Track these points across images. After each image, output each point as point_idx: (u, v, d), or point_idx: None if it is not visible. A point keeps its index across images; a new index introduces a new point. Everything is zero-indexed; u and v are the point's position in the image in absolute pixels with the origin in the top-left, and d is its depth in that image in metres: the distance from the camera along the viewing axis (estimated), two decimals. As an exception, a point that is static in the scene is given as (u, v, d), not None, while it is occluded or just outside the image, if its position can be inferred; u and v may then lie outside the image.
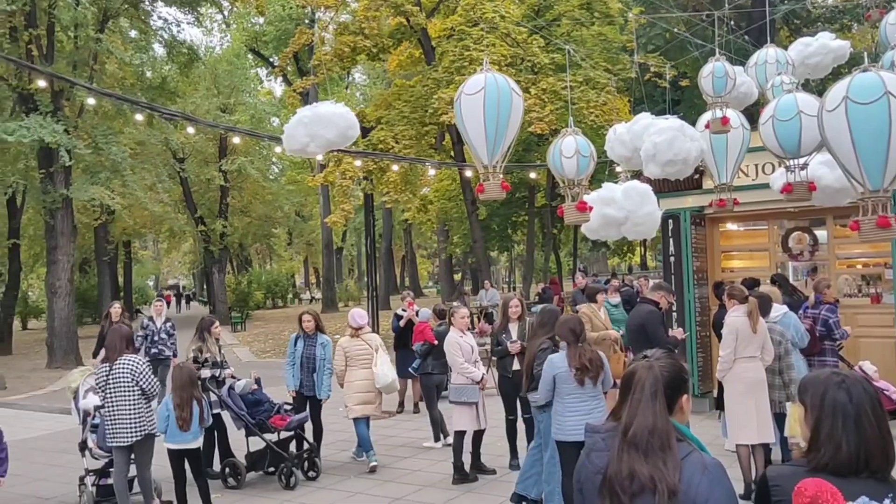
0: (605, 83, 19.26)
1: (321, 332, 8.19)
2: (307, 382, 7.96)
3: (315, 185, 26.96)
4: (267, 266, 60.31)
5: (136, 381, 6.22)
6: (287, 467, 7.40)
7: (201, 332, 7.95)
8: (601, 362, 5.37)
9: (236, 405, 7.52)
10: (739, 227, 11.21)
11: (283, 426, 7.55)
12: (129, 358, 6.30)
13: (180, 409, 6.27)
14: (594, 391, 5.36)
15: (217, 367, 7.87)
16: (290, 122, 6.63)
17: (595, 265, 53.12)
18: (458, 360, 7.07)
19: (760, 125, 6.23)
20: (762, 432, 6.30)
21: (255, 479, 7.68)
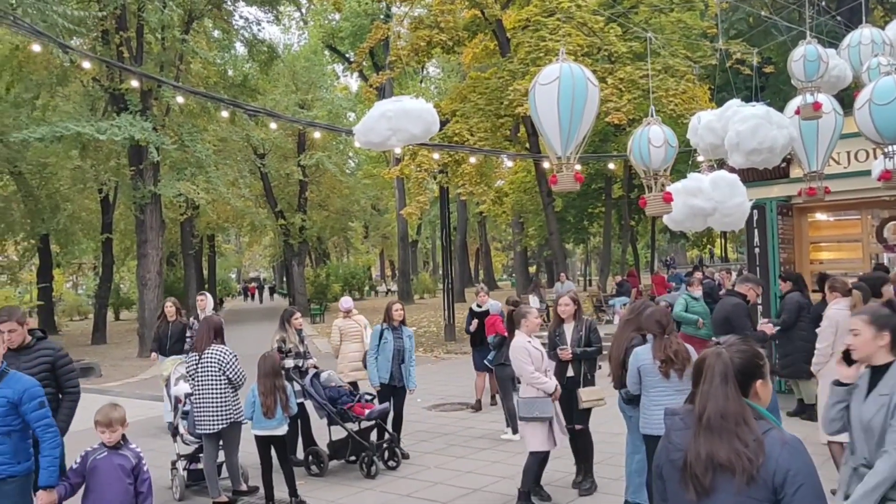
0: (686, 71, 18.76)
1: (404, 323, 8.34)
2: (397, 374, 8.04)
3: (391, 178, 27.27)
4: (344, 259, 61.39)
5: (223, 370, 6.54)
6: (368, 456, 7.46)
7: (283, 323, 8.16)
8: (688, 355, 5.19)
9: (319, 395, 7.66)
10: (829, 216, 10.78)
11: (364, 416, 7.62)
12: (217, 348, 6.62)
13: (265, 397, 6.40)
14: (680, 385, 5.19)
15: (300, 358, 8.02)
16: (370, 116, 6.69)
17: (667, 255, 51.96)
18: (528, 368, 6.12)
19: (856, 110, 5.95)
20: None
21: (337, 467, 7.81)
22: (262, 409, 6.41)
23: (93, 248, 36.08)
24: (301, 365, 8.01)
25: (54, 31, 15.39)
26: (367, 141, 6.87)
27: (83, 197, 28.38)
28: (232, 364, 6.56)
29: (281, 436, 6.62)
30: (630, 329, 5.90)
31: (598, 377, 6.98)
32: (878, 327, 3.03)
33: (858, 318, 3.03)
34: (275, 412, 6.42)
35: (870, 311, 3.06)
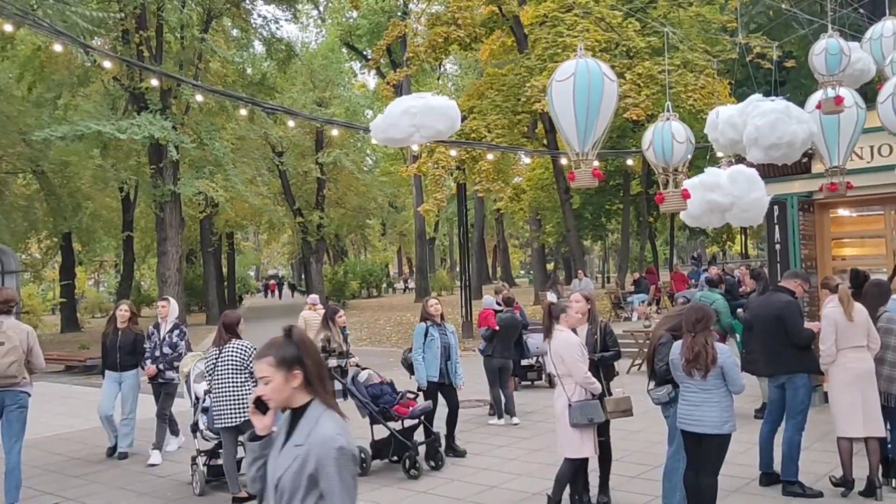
0: (705, 65, 18.60)
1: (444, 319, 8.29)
2: (445, 371, 7.95)
3: (408, 175, 27.27)
4: (362, 256, 61.56)
5: (245, 364, 6.64)
6: (411, 456, 7.28)
7: (326, 322, 8.10)
8: (713, 358, 5.10)
9: (361, 394, 7.50)
10: (852, 212, 10.63)
11: (407, 414, 7.47)
12: (238, 343, 6.77)
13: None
14: (704, 384, 5.15)
15: (343, 357, 7.92)
16: (391, 112, 6.70)
17: (692, 252, 51.60)
18: (583, 368, 5.66)
19: (879, 104, 5.87)
20: (869, 426, 6.00)
21: (379, 467, 7.64)
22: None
23: (114, 245, 36.49)
24: (343, 364, 7.93)
25: (75, 31, 15.54)
26: (388, 137, 6.87)
27: (104, 195, 28.69)
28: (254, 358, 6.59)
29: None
30: (665, 327, 5.85)
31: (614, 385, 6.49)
32: (288, 367, 2.52)
33: (263, 362, 2.52)
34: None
35: (273, 350, 2.63)
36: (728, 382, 5.18)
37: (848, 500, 6.06)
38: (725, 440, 5.22)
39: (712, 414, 5.15)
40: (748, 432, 7.27)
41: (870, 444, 6.04)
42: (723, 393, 5.19)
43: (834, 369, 6.13)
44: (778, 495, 6.23)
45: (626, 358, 14.05)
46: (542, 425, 9.20)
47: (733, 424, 5.21)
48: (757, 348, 8.59)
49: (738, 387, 5.21)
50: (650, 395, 5.84)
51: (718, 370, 5.13)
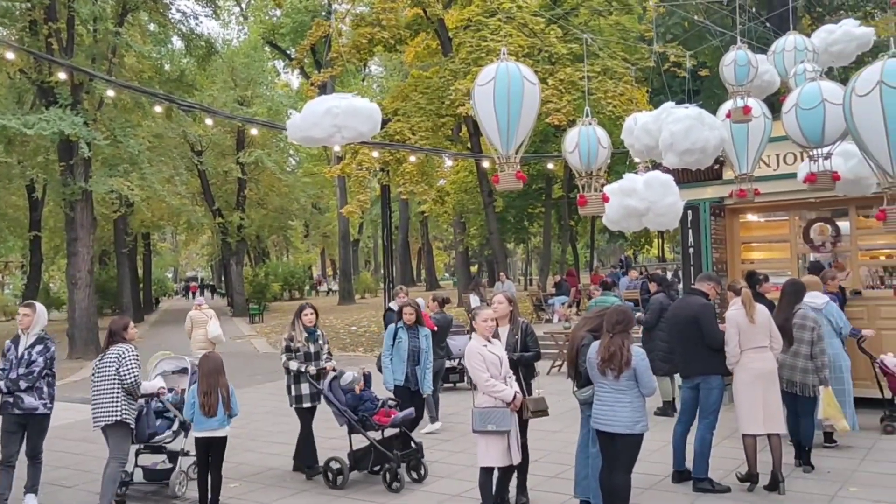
0: (624, 73, 19.10)
1: (420, 323, 8.03)
2: (412, 376, 7.76)
3: (332, 176, 27.00)
4: (284, 258, 60.60)
5: (117, 368, 6.43)
6: (392, 468, 6.92)
7: (292, 320, 7.66)
8: (627, 360, 5.22)
9: (339, 400, 7.15)
10: (760, 217, 11.08)
11: (388, 423, 7.14)
12: (119, 347, 6.54)
13: (206, 396, 6.34)
14: (618, 385, 5.28)
15: (309, 360, 7.42)
16: (313, 111, 6.60)
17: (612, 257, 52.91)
18: (483, 375, 5.52)
19: (783, 114, 6.13)
20: (769, 423, 6.28)
21: (358, 478, 7.24)
22: (203, 408, 6.32)
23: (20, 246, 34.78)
24: (304, 370, 7.39)
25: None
26: (308, 137, 6.77)
27: (9, 193, 27.33)
28: (126, 362, 6.42)
29: (222, 438, 6.48)
30: (586, 328, 5.94)
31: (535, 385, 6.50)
32: None
33: None
34: (216, 411, 6.33)
35: None
36: (640, 384, 5.30)
37: (753, 494, 6.31)
38: (638, 439, 5.34)
39: (625, 414, 5.27)
40: (661, 431, 7.48)
41: (772, 440, 6.31)
42: (635, 394, 5.31)
43: (736, 369, 6.38)
44: (689, 491, 6.42)
45: (546, 359, 14.31)
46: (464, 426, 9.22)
47: (645, 424, 5.34)
48: (658, 348, 8.98)
49: (649, 389, 5.35)
50: (575, 396, 5.93)
51: (631, 372, 5.26)
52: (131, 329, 6.74)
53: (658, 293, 9.79)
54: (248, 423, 8.45)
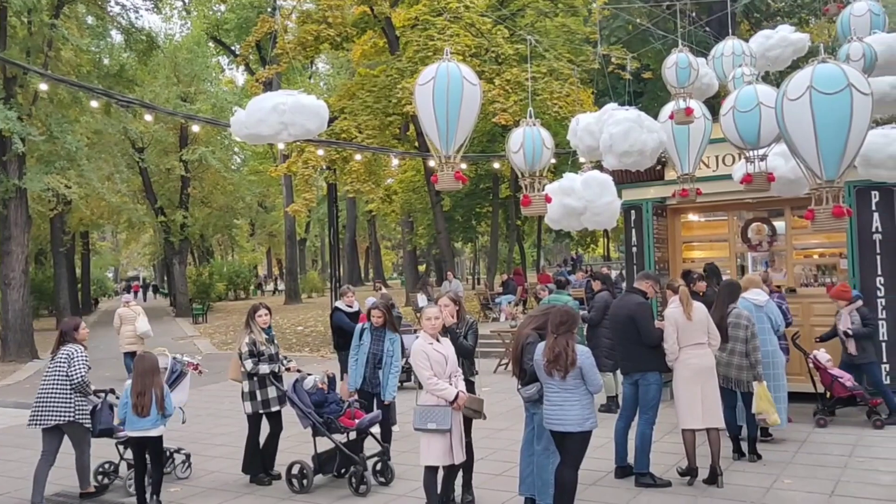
0: (570, 74, 19.32)
1: (390, 328, 7.76)
2: (372, 379, 7.56)
3: (278, 175, 26.66)
4: (229, 257, 59.62)
5: (66, 369, 6.70)
6: (358, 471, 6.78)
7: (247, 321, 7.39)
8: (572, 360, 5.29)
9: (302, 402, 6.98)
10: (700, 217, 11.33)
11: (354, 426, 6.98)
12: (69, 347, 6.83)
13: (140, 396, 6.37)
14: (565, 384, 5.34)
15: (274, 361, 7.26)
16: (259, 108, 6.51)
17: (558, 256, 53.52)
18: (425, 374, 5.53)
19: (721, 116, 6.29)
20: (707, 418, 6.44)
21: (323, 482, 7.12)
22: (135, 408, 6.35)
23: (-51, 245, 33.34)
24: (277, 369, 7.29)
25: None
26: (254, 134, 6.66)
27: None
28: (75, 362, 6.69)
29: (156, 437, 6.47)
30: (531, 326, 5.98)
31: (477, 385, 6.64)
32: None
33: None
34: (149, 411, 6.36)
35: None
36: (587, 382, 5.37)
37: (693, 487, 6.45)
38: (587, 436, 5.42)
39: (574, 412, 5.34)
40: (604, 427, 7.58)
41: (710, 434, 6.47)
42: (583, 392, 5.38)
43: (676, 365, 6.53)
44: (631, 486, 6.54)
45: (493, 357, 14.40)
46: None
47: (594, 421, 5.42)
48: (602, 345, 9.17)
49: (595, 386, 5.42)
50: (520, 394, 5.97)
51: (577, 371, 5.32)
52: (82, 329, 6.99)
53: (602, 291, 9.94)
54: (189, 425, 8.28)
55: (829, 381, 8.42)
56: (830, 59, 4.78)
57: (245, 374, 7.19)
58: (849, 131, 4.54)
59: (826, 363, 8.48)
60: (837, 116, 4.51)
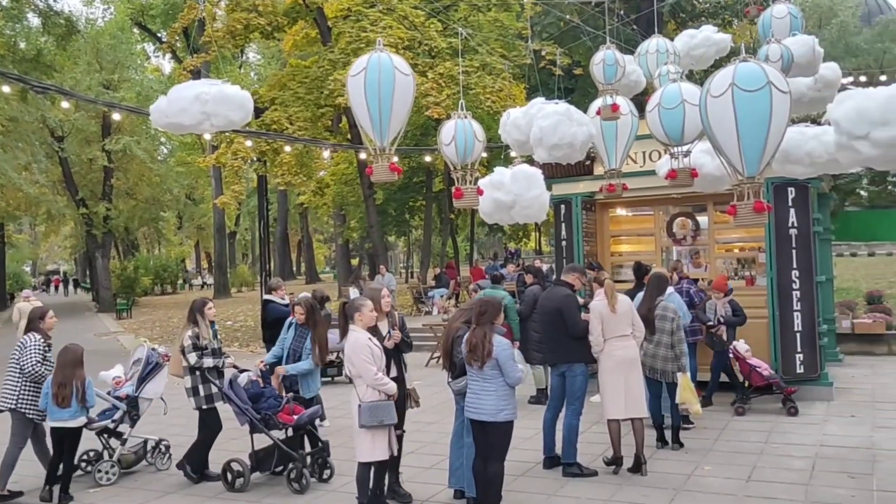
0: (501, 69, 19.45)
1: (311, 326, 7.52)
2: (291, 377, 7.38)
3: (206, 166, 26.09)
4: (155, 251, 57.99)
5: (19, 357, 6.80)
6: (297, 468, 6.65)
7: (195, 315, 7.15)
8: (488, 351, 5.32)
9: (239, 398, 6.78)
10: (628, 212, 11.57)
11: (292, 422, 6.85)
12: (28, 336, 6.93)
13: (61, 387, 6.46)
14: (483, 374, 5.40)
15: (218, 356, 7.13)
16: (180, 96, 6.31)
17: (491, 249, 53.93)
18: (372, 369, 5.43)
19: (647, 113, 6.41)
20: (631, 408, 6.60)
21: (260, 480, 6.94)
22: (56, 398, 6.45)
23: None
24: (220, 365, 7.12)
25: None
26: (175, 123, 6.47)
27: None
28: (27, 351, 6.76)
29: (75, 429, 6.58)
30: (461, 320, 5.98)
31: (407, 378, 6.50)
32: None
33: None
34: (70, 402, 6.46)
35: None
36: (503, 374, 5.40)
37: (618, 476, 6.59)
38: (505, 427, 5.45)
39: (489, 402, 5.38)
40: (533, 419, 7.69)
41: (634, 424, 6.64)
42: (500, 383, 5.41)
43: (601, 357, 6.66)
44: (559, 477, 6.63)
45: (425, 351, 14.41)
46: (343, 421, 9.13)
47: (510, 413, 5.44)
48: (531, 338, 9.32)
49: (512, 379, 5.43)
50: (450, 387, 5.99)
51: (494, 362, 5.36)
52: (49, 318, 7.07)
53: (533, 285, 10.05)
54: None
55: (747, 371, 8.73)
56: (751, 58, 4.92)
57: (187, 368, 7.01)
58: (769, 128, 4.68)
59: (745, 353, 8.78)
60: (758, 113, 4.65)
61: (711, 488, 6.19)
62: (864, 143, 4.94)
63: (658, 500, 5.96)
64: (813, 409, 8.73)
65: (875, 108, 4.80)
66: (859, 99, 4.97)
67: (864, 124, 4.84)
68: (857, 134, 4.90)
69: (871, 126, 4.83)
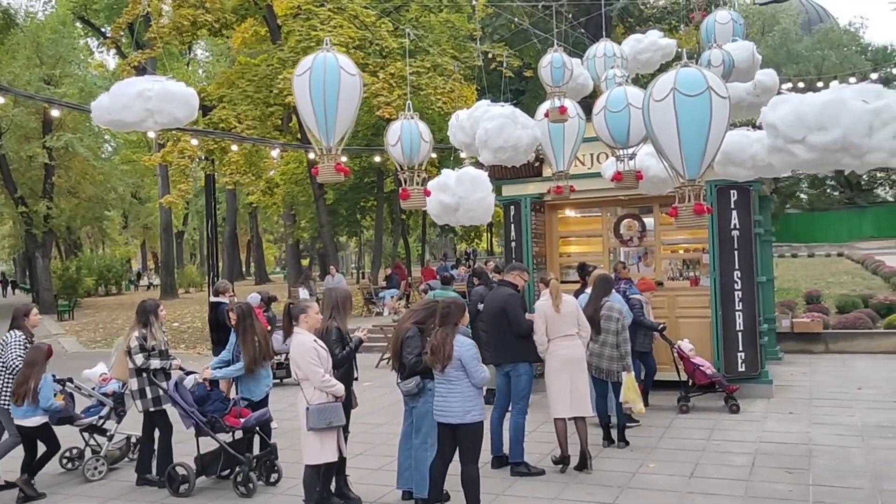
0: (452, 70, 19.50)
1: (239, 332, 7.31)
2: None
3: (152, 164, 25.54)
4: (100, 251, 56.52)
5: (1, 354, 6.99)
6: (244, 472, 6.54)
7: (146, 317, 6.97)
8: (448, 353, 5.32)
9: (185, 401, 6.68)
10: (576, 213, 11.71)
11: (239, 425, 6.72)
12: (9, 333, 7.10)
13: (18, 386, 6.63)
14: (447, 376, 5.39)
15: (165, 358, 7.03)
16: (123, 93, 6.17)
17: (443, 250, 54.01)
18: (319, 371, 5.40)
19: (594, 116, 6.50)
20: (576, 406, 6.69)
21: (206, 484, 6.84)
22: (13, 397, 6.66)
23: None
24: (168, 367, 6.99)
25: None
26: (117, 120, 6.31)
27: None
28: (9, 348, 6.94)
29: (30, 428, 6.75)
30: (411, 320, 5.96)
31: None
32: None
33: None
34: (23, 401, 6.61)
35: None
36: (468, 375, 5.40)
37: (565, 475, 6.67)
38: (474, 428, 5.45)
39: (455, 404, 5.38)
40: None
41: (578, 423, 6.72)
42: (465, 384, 5.40)
43: (546, 357, 6.75)
44: (507, 476, 6.68)
45: (375, 352, 14.36)
46: (290, 423, 9.03)
47: (477, 414, 5.46)
48: (481, 339, 9.40)
49: (477, 379, 5.44)
50: (399, 388, 5.97)
51: (457, 363, 5.35)
52: (33, 316, 7.20)
53: (479, 286, 10.09)
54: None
55: (691, 370, 8.92)
56: (692, 63, 5.02)
57: (133, 370, 6.87)
58: (708, 132, 4.79)
59: (689, 352, 8.96)
60: (698, 118, 4.75)
61: (655, 485, 6.30)
62: (801, 147, 5.08)
63: (603, 498, 6.05)
64: (754, 406, 8.97)
65: (812, 113, 4.94)
66: (796, 103, 5.11)
67: (802, 128, 4.98)
68: (794, 137, 5.04)
69: (808, 130, 4.97)
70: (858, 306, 14.49)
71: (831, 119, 4.91)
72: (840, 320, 13.48)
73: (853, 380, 10.35)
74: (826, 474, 6.36)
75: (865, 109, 4.89)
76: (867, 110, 4.89)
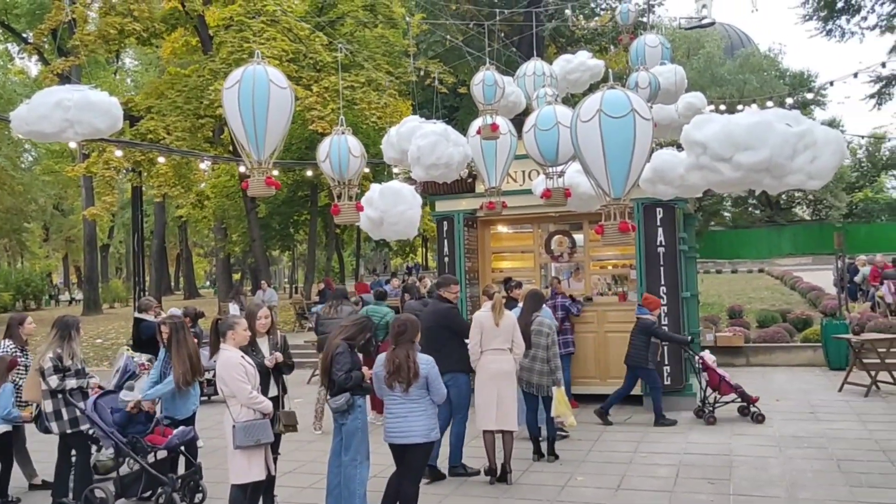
0: (388, 86, 19.55)
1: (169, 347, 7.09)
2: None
3: (76, 175, 24.71)
4: (18, 264, 54.24)
5: None
6: (166, 493, 6.28)
7: (68, 332, 6.64)
8: (415, 372, 5.26)
9: (104, 421, 6.42)
10: (508, 229, 11.85)
11: (163, 444, 6.49)
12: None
13: None
14: (409, 396, 5.32)
15: (82, 377, 6.69)
16: (42, 102, 5.94)
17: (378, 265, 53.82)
18: (246, 387, 5.29)
19: (524, 133, 6.61)
20: (501, 420, 6.79)
21: None
22: None
23: None
24: (84, 386, 6.67)
25: None
26: (36, 131, 6.08)
27: None
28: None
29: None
30: (341, 336, 5.88)
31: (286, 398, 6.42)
32: None
33: None
34: None
35: None
36: (431, 392, 5.37)
37: (495, 488, 6.75)
38: (430, 448, 5.45)
39: (420, 423, 5.31)
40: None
41: (504, 436, 6.84)
42: (427, 402, 5.37)
43: (477, 369, 6.87)
44: (438, 491, 6.67)
45: (307, 368, 14.17)
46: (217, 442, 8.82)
47: (438, 431, 5.49)
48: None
49: (440, 395, 5.42)
50: (329, 405, 5.89)
51: (422, 381, 5.30)
52: (27, 324, 7.22)
53: (411, 301, 10.11)
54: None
55: (717, 381, 9.10)
56: (617, 85, 5.17)
57: (47, 392, 6.53)
58: (633, 153, 4.93)
59: (713, 363, 9.18)
60: (623, 139, 4.88)
61: (584, 497, 6.39)
62: (727, 165, 5.28)
63: (533, 512, 6.11)
64: (679, 418, 9.20)
65: (741, 133, 5.14)
66: (724, 122, 5.31)
67: (731, 147, 5.17)
68: (723, 156, 5.23)
69: (736, 149, 5.16)
70: (777, 321, 15.07)
71: (759, 140, 5.11)
72: (760, 334, 13.99)
73: (772, 392, 10.73)
74: (745, 484, 6.57)
75: (791, 132, 5.11)
76: (793, 133, 5.11)
